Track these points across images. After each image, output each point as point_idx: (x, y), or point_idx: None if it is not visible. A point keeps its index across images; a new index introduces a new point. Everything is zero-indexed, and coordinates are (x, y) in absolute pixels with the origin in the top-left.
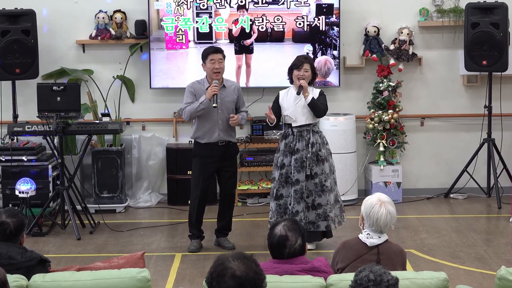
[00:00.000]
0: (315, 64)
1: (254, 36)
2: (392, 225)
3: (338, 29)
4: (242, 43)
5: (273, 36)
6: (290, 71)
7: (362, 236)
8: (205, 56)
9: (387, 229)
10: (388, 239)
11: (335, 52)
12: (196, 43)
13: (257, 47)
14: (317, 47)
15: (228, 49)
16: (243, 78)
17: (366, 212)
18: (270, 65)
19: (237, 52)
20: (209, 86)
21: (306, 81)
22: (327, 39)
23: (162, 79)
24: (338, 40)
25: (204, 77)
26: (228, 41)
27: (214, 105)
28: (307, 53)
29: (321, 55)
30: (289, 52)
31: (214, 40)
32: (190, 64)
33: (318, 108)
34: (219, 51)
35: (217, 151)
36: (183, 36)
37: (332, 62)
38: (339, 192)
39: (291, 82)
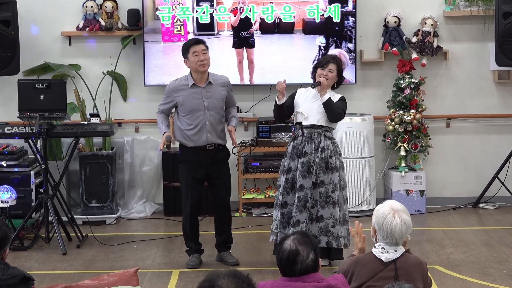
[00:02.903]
0: None
1: (255, 26)
2: (408, 235)
3: (354, 19)
4: (242, 35)
5: (281, 28)
6: (315, 69)
7: (376, 251)
8: (186, 49)
9: (403, 241)
10: (405, 252)
11: (351, 45)
12: (196, 34)
13: (264, 39)
14: (330, 39)
15: (232, 41)
16: (246, 75)
17: (378, 223)
18: (279, 59)
19: (237, 45)
20: (193, 84)
21: (330, 83)
22: (342, 31)
23: (157, 74)
24: (354, 32)
25: (188, 73)
26: (232, 32)
27: (160, 149)
28: (319, 46)
29: (335, 48)
30: (299, 44)
31: (216, 31)
32: None
33: (333, 110)
34: (201, 41)
35: (206, 156)
36: (181, 27)
37: (346, 55)
38: (347, 212)
39: (314, 80)
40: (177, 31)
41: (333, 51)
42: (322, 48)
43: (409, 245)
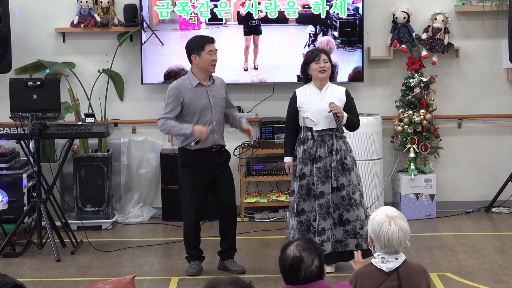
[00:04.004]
0: (318, 44)
1: (262, 14)
2: (407, 241)
3: (361, 10)
4: (250, 24)
5: (278, 18)
6: (305, 65)
7: (376, 261)
8: (201, 46)
9: (402, 248)
10: (407, 259)
11: (336, 33)
12: (207, 24)
13: (263, 27)
14: (318, 28)
15: (238, 30)
16: (251, 57)
17: (374, 232)
18: (276, 44)
19: (246, 33)
20: (198, 83)
21: (328, 74)
22: (328, 21)
23: (175, 57)
24: (338, 22)
25: (189, 71)
26: (237, 22)
27: (192, 144)
28: (310, 34)
29: (322, 35)
30: (293, 32)
31: (224, 21)
32: None
33: (353, 124)
34: (214, 41)
35: (211, 158)
36: (195, 17)
37: (333, 41)
38: (365, 206)
39: (306, 81)
40: (191, 21)
41: (321, 38)
42: (311, 35)
43: (419, 252)
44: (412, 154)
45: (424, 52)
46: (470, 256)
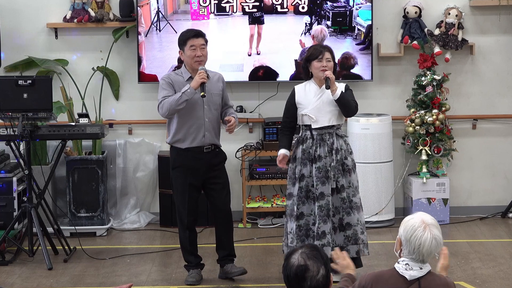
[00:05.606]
0: (312, 32)
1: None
2: (436, 253)
3: (333, 3)
4: (254, 15)
5: (279, 10)
6: (307, 62)
7: (399, 267)
8: (183, 41)
9: (431, 258)
10: (431, 270)
11: (329, 22)
12: (216, 14)
13: (265, 18)
14: (313, 18)
15: (243, 20)
16: (254, 44)
17: (406, 235)
18: (276, 32)
19: (250, 22)
20: (190, 77)
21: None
22: (322, 11)
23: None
24: (331, 13)
25: (183, 66)
26: (242, 13)
27: (202, 93)
28: (306, 23)
29: (317, 24)
30: (291, 22)
31: (230, 12)
32: (209, 36)
33: (349, 104)
34: (200, 35)
35: (203, 160)
36: (205, 8)
37: (326, 30)
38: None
39: (307, 77)
40: (202, 12)
41: (315, 27)
42: (307, 24)
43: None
44: (424, 157)
45: (436, 49)
46: (485, 264)
